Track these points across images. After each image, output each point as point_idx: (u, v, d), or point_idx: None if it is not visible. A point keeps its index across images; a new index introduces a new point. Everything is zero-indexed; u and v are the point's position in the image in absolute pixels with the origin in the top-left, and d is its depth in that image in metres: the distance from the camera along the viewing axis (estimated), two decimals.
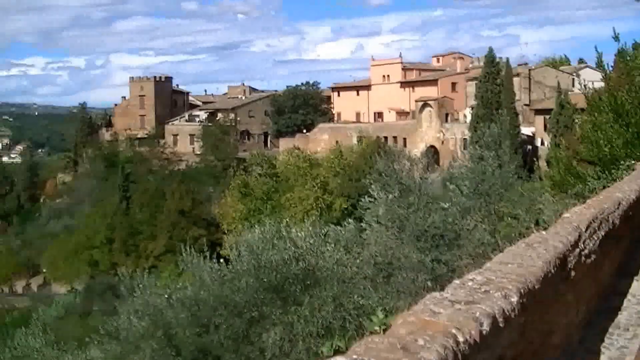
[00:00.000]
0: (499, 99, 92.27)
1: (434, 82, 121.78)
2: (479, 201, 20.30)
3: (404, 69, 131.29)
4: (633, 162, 18.25)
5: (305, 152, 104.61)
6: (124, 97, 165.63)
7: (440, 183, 29.40)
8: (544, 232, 8.48)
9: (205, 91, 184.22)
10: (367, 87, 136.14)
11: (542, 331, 6.62)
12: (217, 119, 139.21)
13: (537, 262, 6.66)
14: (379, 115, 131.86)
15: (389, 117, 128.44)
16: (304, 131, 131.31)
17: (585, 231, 8.87)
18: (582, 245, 8.61)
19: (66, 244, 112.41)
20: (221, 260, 18.57)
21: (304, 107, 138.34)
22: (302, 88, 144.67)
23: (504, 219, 19.55)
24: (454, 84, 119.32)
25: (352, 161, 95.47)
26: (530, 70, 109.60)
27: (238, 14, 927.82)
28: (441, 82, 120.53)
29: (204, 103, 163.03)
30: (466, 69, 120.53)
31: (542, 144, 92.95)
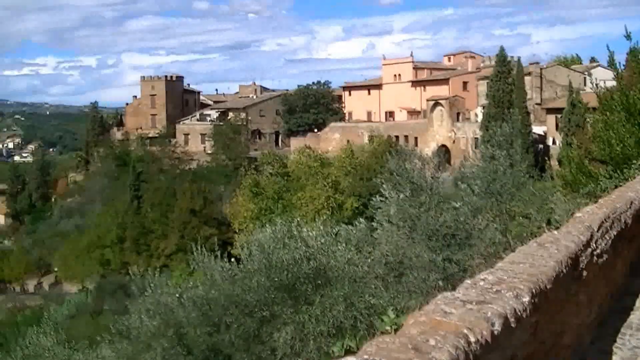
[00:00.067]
0: (510, 98, 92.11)
1: (445, 81, 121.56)
2: (490, 200, 20.24)
3: (415, 68, 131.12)
4: None
5: (316, 151, 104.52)
6: (135, 97, 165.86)
7: (452, 182, 29.30)
8: (555, 231, 8.45)
9: (217, 90, 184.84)
10: (379, 86, 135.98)
11: (553, 331, 6.59)
12: (228, 118, 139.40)
13: (549, 262, 6.63)
14: (390, 115, 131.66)
15: (400, 116, 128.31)
16: (315, 130, 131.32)
17: (597, 231, 8.83)
18: (594, 245, 8.57)
19: (77, 243, 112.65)
20: (232, 260, 18.55)
21: (315, 106, 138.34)
22: (313, 87, 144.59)
23: (515, 219, 19.50)
24: (465, 83, 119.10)
25: (363, 160, 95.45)
26: (541, 69, 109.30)
27: (249, 13, 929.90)
28: (452, 81, 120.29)
29: (215, 102, 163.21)
30: (477, 68, 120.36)
31: (554, 143, 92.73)
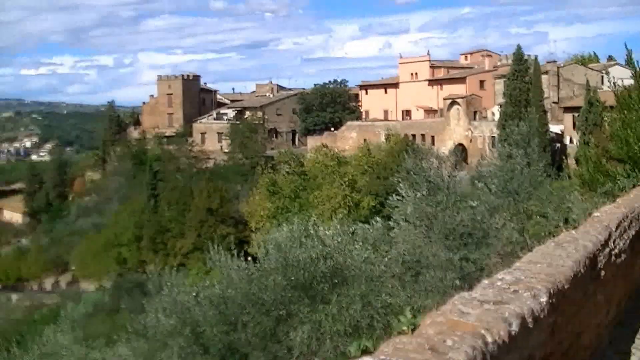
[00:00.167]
0: (527, 96, 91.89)
1: (462, 80, 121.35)
2: (507, 199, 20.21)
3: (432, 67, 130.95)
4: None
5: (333, 150, 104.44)
6: (152, 96, 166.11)
7: (469, 181, 29.26)
8: (573, 231, 8.42)
9: (233, 89, 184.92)
10: (395, 85, 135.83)
11: (571, 332, 6.56)
12: (245, 117, 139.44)
13: (567, 262, 6.60)
14: (407, 113, 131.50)
15: (417, 115, 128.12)
16: (332, 129, 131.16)
17: (616, 230, 8.80)
18: (612, 245, 8.54)
19: (95, 241, 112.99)
20: (249, 259, 18.55)
21: (332, 105, 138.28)
22: (330, 86, 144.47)
23: (532, 218, 19.44)
24: (482, 82, 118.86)
25: (380, 159, 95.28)
26: (559, 68, 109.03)
27: (266, 12, 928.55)
28: (469, 79, 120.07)
29: (232, 101, 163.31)
30: (494, 67, 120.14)
31: (571, 142, 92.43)
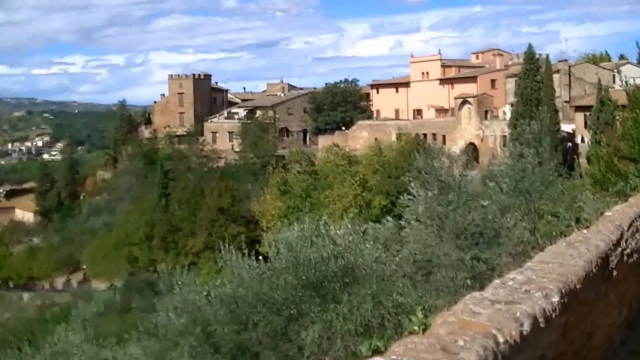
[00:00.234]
0: (538, 95, 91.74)
1: (473, 79, 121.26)
2: (518, 199, 20.14)
3: (443, 66, 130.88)
4: None
5: (344, 149, 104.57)
6: (163, 95, 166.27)
7: (480, 180, 29.23)
8: (585, 230, 8.40)
9: (244, 89, 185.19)
10: (406, 84, 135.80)
11: (583, 332, 6.54)
12: (256, 116, 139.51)
13: (579, 262, 6.58)
14: (418, 113, 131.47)
15: (428, 114, 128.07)
16: (343, 128, 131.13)
17: (628, 230, 8.77)
18: (625, 244, 8.51)
19: (106, 240, 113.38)
20: (260, 258, 18.55)
21: (343, 104, 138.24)
22: (341, 85, 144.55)
23: (544, 217, 19.40)
24: (493, 81, 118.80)
25: (391, 158, 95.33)
26: (570, 67, 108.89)
27: (277, 11, 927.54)
28: (480, 79, 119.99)
29: (243, 100, 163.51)
30: (506, 66, 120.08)
31: (583, 141, 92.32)
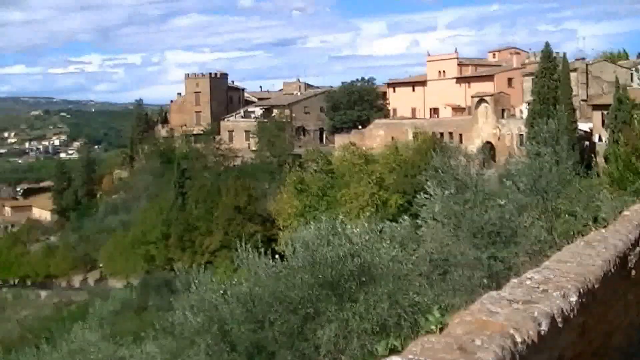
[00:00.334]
0: (555, 94, 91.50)
1: (490, 78, 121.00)
2: (535, 198, 20.08)
3: (460, 65, 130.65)
4: None
5: (360, 148, 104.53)
6: (179, 94, 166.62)
7: (497, 179, 29.17)
8: (603, 230, 8.36)
9: (261, 87, 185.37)
10: (423, 83, 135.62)
11: (602, 332, 6.51)
12: (273, 115, 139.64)
13: (597, 261, 6.55)
14: (434, 111, 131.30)
15: (445, 113, 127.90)
16: (360, 127, 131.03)
17: None
18: None
19: (123, 239, 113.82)
20: (276, 257, 18.55)
21: (360, 103, 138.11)
22: (357, 84, 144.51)
23: (561, 216, 19.36)
24: (510, 80, 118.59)
25: (407, 157, 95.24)
26: (587, 65, 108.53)
27: (293, 10, 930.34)
28: (497, 77, 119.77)
29: (260, 99, 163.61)
30: (522, 64, 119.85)
31: (600, 140, 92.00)
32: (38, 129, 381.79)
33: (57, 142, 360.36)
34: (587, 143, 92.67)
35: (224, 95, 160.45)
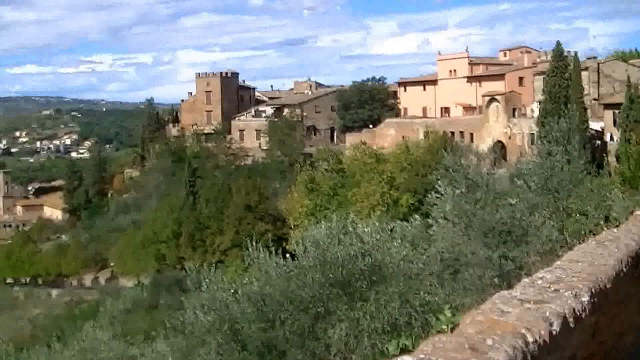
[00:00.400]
0: (567, 93, 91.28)
1: (501, 77, 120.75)
2: (547, 197, 20.04)
3: (471, 64, 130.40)
4: None
5: (371, 147, 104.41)
6: (190, 93, 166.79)
7: (508, 179, 29.12)
8: (615, 229, 8.33)
9: (272, 87, 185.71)
10: (434, 82, 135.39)
11: (614, 332, 6.49)
12: (284, 114, 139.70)
13: (609, 261, 6.53)
14: (445, 110, 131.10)
15: (456, 112, 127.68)
16: (371, 126, 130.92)
17: None
18: None
19: (133, 238, 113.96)
20: (287, 256, 18.54)
21: (371, 102, 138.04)
22: (368, 83, 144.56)
23: (572, 216, 19.31)
24: (521, 79, 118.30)
25: (418, 156, 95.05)
26: (599, 64, 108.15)
27: (304, 9, 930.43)
28: (508, 76, 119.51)
29: (270, 98, 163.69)
30: (534, 63, 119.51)
31: (612, 139, 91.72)
32: (49, 128, 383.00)
33: (68, 142, 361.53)
34: (598, 142, 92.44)
35: (235, 95, 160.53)
